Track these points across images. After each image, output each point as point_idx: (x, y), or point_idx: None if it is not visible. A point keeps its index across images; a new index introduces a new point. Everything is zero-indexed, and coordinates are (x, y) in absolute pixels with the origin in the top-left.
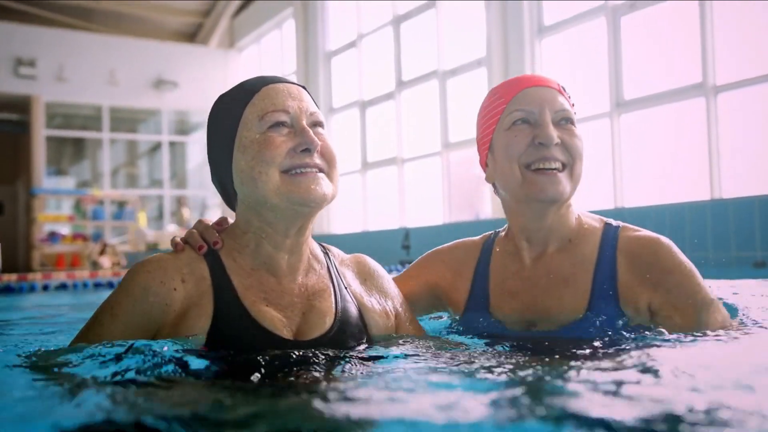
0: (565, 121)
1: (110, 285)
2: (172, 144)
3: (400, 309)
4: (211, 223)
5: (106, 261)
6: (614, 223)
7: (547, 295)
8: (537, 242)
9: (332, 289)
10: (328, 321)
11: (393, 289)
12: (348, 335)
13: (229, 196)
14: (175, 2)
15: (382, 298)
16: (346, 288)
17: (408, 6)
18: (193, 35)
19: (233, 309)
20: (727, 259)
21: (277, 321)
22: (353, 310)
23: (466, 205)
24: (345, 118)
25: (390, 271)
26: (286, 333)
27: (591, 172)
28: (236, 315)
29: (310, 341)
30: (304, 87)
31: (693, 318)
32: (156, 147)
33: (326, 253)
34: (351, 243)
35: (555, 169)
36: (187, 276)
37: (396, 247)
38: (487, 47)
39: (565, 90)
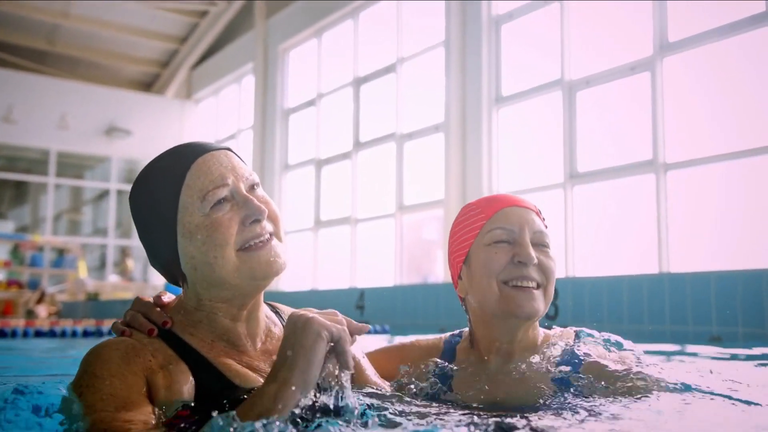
0: (541, 244)
1: (52, 333)
2: (119, 192)
3: (359, 362)
4: (150, 300)
5: (43, 310)
6: (577, 343)
7: (510, 396)
8: (505, 356)
9: None
10: None
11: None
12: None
13: (174, 277)
14: (133, 51)
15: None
16: None
17: (369, 69)
18: (149, 84)
19: (210, 375)
20: (684, 332)
21: (254, 380)
22: None
23: (416, 267)
24: (300, 176)
25: None
26: None
27: None
28: (214, 379)
29: None
30: (229, 149)
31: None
32: (103, 194)
33: (276, 312)
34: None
35: (531, 287)
36: (155, 353)
37: (348, 307)
38: (445, 113)
39: (540, 212)
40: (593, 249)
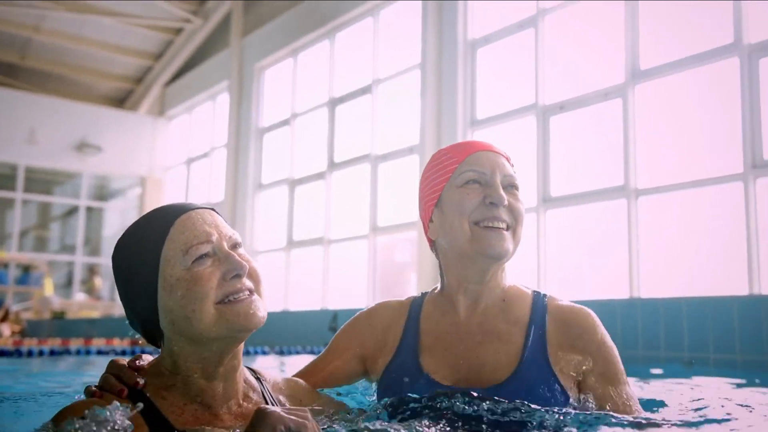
0: (511, 187)
1: (18, 353)
2: (89, 209)
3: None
4: (124, 363)
5: (6, 329)
6: (538, 290)
7: (482, 348)
8: (473, 297)
9: None
10: None
11: (332, 407)
12: None
13: (153, 336)
14: (106, 67)
15: (323, 418)
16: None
17: (344, 89)
18: (122, 100)
19: None
20: (656, 357)
21: None
22: None
23: (388, 290)
24: (273, 195)
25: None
26: None
27: (517, 263)
28: None
29: None
30: (213, 209)
31: (618, 389)
32: (71, 211)
33: (258, 379)
34: (272, 322)
35: (501, 228)
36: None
37: (321, 328)
38: (420, 135)
39: (510, 158)
40: (565, 273)
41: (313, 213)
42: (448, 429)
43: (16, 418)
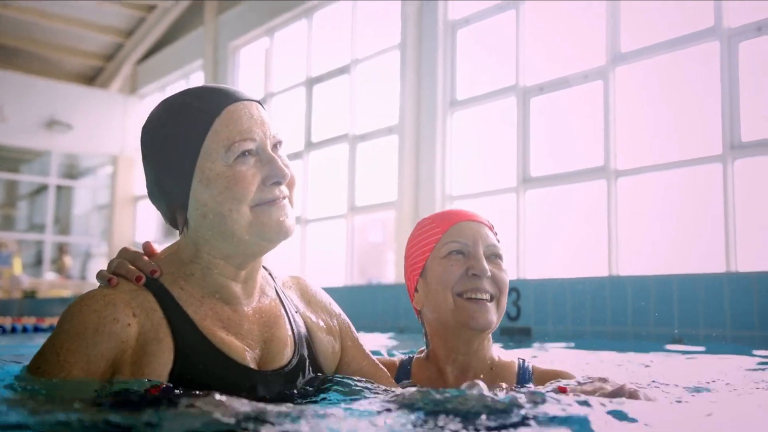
0: (494, 256)
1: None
2: (59, 187)
3: (344, 326)
4: (137, 250)
5: None
6: (523, 359)
7: None
8: (461, 368)
9: (286, 316)
10: (289, 351)
11: (335, 307)
12: (305, 365)
13: (174, 220)
14: (76, 43)
15: (327, 316)
16: (296, 312)
17: (322, 69)
18: (92, 78)
19: (195, 340)
20: (646, 333)
21: (241, 350)
22: (306, 337)
23: (361, 269)
24: None
25: None
26: (252, 363)
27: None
28: (199, 346)
29: (274, 371)
30: (260, 102)
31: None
32: (40, 189)
33: (270, 274)
34: None
35: (485, 299)
36: (137, 309)
37: None
38: (399, 116)
39: (493, 227)
40: (545, 252)
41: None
42: None
43: None
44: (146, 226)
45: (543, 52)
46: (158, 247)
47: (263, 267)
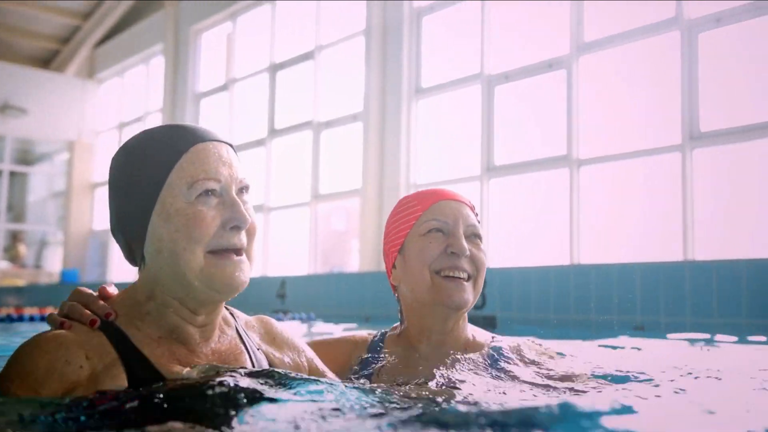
0: (474, 236)
1: None
2: (12, 174)
3: (312, 363)
4: (91, 292)
5: None
6: (496, 336)
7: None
8: (434, 345)
9: (246, 353)
10: None
11: (302, 344)
12: None
13: (132, 255)
14: (30, 25)
15: (294, 353)
16: (258, 349)
17: (286, 55)
18: (48, 61)
19: (149, 376)
20: (609, 321)
21: None
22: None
23: (324, 257)
24: None
25: None
26: None
27: None
28: (154, 383)
29: None
30: (231, 145)
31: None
32: None
33: (232, 315)
34: None
35: (462, 278)
36: (91, 352)
37: (267, 295)
38: (364, 103)
39: (474, 208)
40: (508, 240)
41: (252, 180)
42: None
43: None
44: (104, 214)
45: (508, 40)
46: (114, 290)
47: (225, 307)
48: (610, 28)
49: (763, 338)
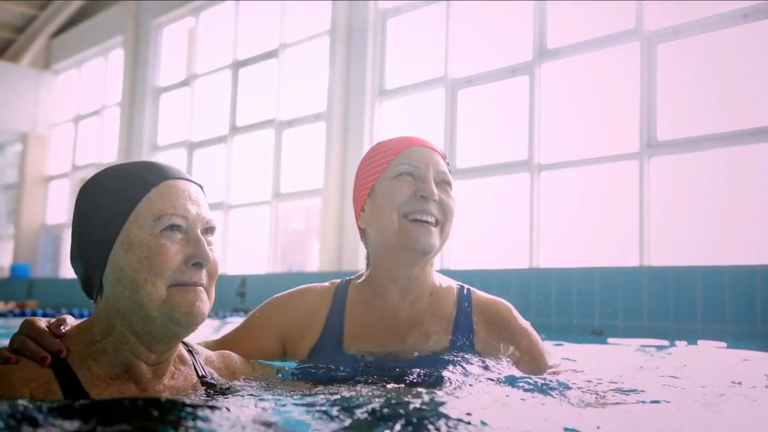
0: (444, 183)
1: None
2: None
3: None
4: (45, 325)
5: None
6: (462, 284)
7: (408, 342)
8: (401, 290)
9: (203, 389)
10: None
11: (267, 375)
12: None
13: (90, 285)
14: None
15: (259, 385)
16: (216, 387)
17: (249, 53)
18: (2, 51)
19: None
20: (567, 325)
21: None
22: None
23: (282, 257)
24: (170, 158)
25: (224, 317)
26: None
27: None
28: None
29: None
30: (201, 186)
31: (542, 361)
32: None
33: (191, 352)
34: None
35: (430, 222)
36: (36, 390)
37: (226, 293)
38: (327, 103)
39: (446, 157)
40: (468, 243)
41: (212, 177)
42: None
43: None
44: (58, 207)
45: (472, 45)
46: (72, 321)
47: (184, 343)
48: (573, 36)
49: (717, 343)
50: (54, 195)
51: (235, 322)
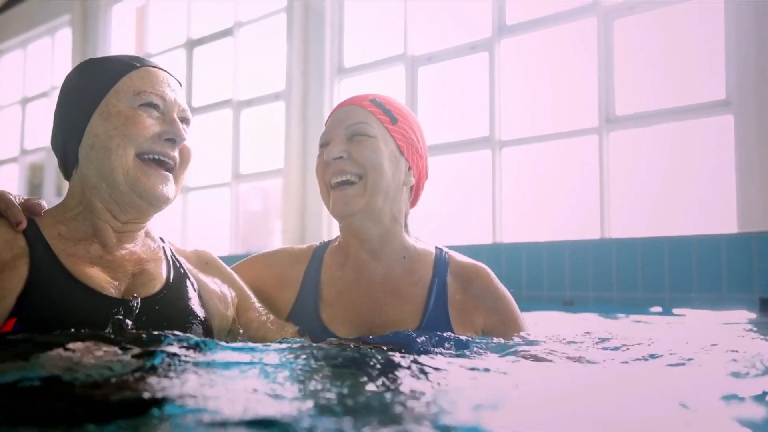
0: (359, 135)
1: None
2: None
3: (243, 295)
4: (15, 200)
5: None
6: (440, 246)
7: (384, 307)
8: (370, 253)
9: (165, 260)
10: (158, 285)
11: (236, 279)
12: (179, 302)
13: (66, 163)
14: None
15: (223, 283)
16: (181, 267)
17: (204, 31)
18: None
19: (52, 269)
20: (539, 297)
21: (102, 280)
22: (188, 283)
23: (243, 238)
24: None
25: None
26: (113, 292)
27: None
28: (55, 275)
29: (143, 299)
30: (180, 83)
31: (519, 327)
32: None
33: (163, 240)
34: None
35: (344, 182)
36: (2, 244)
37: None
38: (286, 81)
39: (376, 103)
40: (431, 220)
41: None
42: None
43: None
44: (9, 189)
45: (431, 22)
46: (45, 205)
47: (161, 239)
48: (531, 12)
49: (683, 311)
50: (2, 179)
51: None
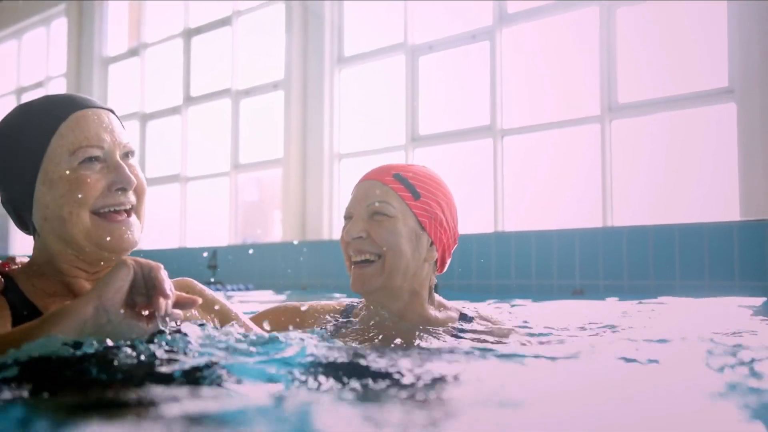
0: (378, 214)
1: None
2: None
3: (225, 310)
4: None
5: None
6: (469, 313)
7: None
8: (391, 323)
9: None
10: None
11: (218, 299)
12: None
13: (24, 224)
14: None
15: (207, 305)
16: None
17: (201, 20)
18: None
19: (31, 318)
20: (549, 286)
21: None
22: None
23: (240, 228)
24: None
25: None
26: None
27: None
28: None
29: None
30: (112, 111)
31: None
32: None
33: None
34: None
35: (364, 261)
36: None
37: (195, 266)
38: (285, 71)
39: (399, 178)
40: None
41: (168, 149)
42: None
43: None
44: None
45: (432, 10)
46: (23, 260)
47: None
48: (532, 0)
49: (693, 298)
50: None
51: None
